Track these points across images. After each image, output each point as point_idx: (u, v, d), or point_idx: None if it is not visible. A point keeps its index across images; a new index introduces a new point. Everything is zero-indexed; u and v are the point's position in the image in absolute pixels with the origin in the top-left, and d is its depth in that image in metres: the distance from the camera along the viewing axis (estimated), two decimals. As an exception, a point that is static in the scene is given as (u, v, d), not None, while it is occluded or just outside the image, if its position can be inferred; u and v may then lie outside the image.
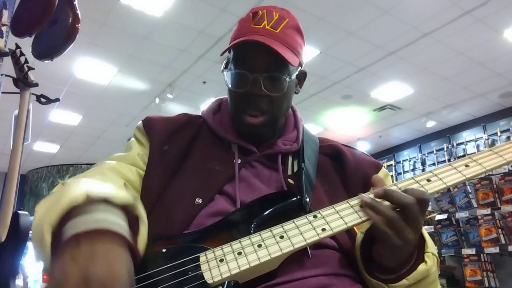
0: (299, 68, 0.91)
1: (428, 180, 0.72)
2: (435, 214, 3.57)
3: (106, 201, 0.59)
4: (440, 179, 0.72)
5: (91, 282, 0.48)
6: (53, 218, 0.55)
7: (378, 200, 0.67)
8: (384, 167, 0.95)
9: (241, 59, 0.86)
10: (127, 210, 0.61)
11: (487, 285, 3.12)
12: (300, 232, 0.67)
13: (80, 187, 0.60)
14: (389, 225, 0.64)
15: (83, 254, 0.51)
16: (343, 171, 0.90)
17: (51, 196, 0.64)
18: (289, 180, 0.86)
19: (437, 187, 0.71)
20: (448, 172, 0.73)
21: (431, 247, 0.72)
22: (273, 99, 0.86)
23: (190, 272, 0.63)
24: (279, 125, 0.92)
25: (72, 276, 0.48)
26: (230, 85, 0.88)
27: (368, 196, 0.69)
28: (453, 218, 3.49)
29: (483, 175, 2.65)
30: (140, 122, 0.94)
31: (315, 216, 0.69)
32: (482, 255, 3.22)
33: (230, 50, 0.88)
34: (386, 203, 0.66)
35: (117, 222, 0.57)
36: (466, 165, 0.73)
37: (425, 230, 0.73)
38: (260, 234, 0.68)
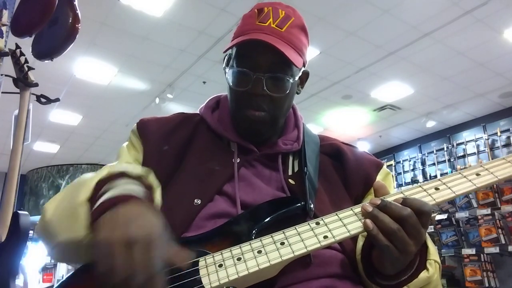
0: (302, 68, 0.89)
1: (436, 189, 0.69)
2: (435, 214, 3.57)
3: (124, 174, 0.68)
4: (449, 187, 0.69)
5: (133, 243, 0.54)
6: (86, 192, 0.63)
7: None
8: (385, 166, 0.94)
9: (244, 57, 0.84)
10: (142, 180, 0.69)
11: (487, 285, 3.12)
12: (302, 239, 0.65)
13: (100, 170, 0.69)
14: (388, 237, 0.61)
15: (120, 221, 0.57)
16: (343, 171, 0.89)
17: (67, 188, 0.71)
18: (290, 180, 0.84)
19: (445, 196, 0.68)
20: (458, 180, 0.70)
21: (433, 254, 0.71)
22: (274, 99, 0.84)
23: (188, 277, 0.62)
24: (279, 125, 0.91)
25: (117, 241, 0.54)
26: (231, 83, 0.86)
27: (370, 205, 0.66)
28: (453, 218, 3.49)
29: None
30: (135, 125, 0.93)
31: (317, 223, 0.67)
32: (482, 255, 3.22)
33: (233, 46, 0.86)
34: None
35: (138, 190, 0.65)
36: (477, 174, 0.70)
37: (428, 234, 0.70)
38: (261, 240, 0.66)
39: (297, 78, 0.87)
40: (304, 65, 0.90)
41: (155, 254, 0.55)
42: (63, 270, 8.23)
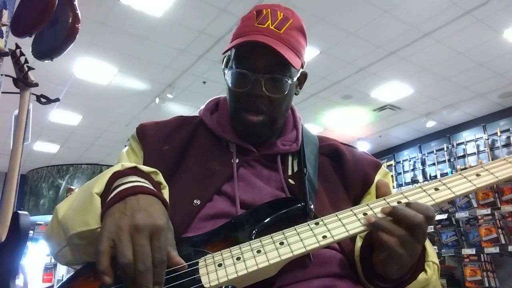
0: (301, 69, 0.90)
1: (436, 189, 0.69)
2: (435, 214, 3.57)
3: (136, 168, 0.72)
4: (449, 188, 0.69)
5: (139, 229, 0.57)
6: (100, 185, 0.67)
7: (386, 217, 0.64)
8: (384, 166, 0.94)
9: (243, 58, 0.85)
10: (150, 177, 0.72)
11: (487, 285, 3.12)
12: (301, 239, 0.66)
13: (114, 166, 0.72)
14: (403, 245, 0.62)
15: (129, 208, 0.60)
16: (342, 172, 0.90)
17: (79, 190, 0.74)
18: (289, 180, 0.85)
19: (445, 196, 0.68)
20: (458, 181, 0.70)
21: (431, 255, 0.71)
22: (273, 100, 0.85)
23: (188, 276, 0.63)
24: (278, 126, 0.91)
25: (124, 225, 0.58)
26: (230, 84, 0.87)
27: (375, 215, 0.65)
28: (453, 218, 3.49)
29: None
30: (134, 130, 0.94)
31: (317, 223, 0.68)
32: (482, 255, 3.22)
33: (232, 48, 0.86)
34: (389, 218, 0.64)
35: (148, 184, 0.69)
36: (477, 175, 0.70)
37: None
38: (260, 240, 0.67)
39: (295, 79, 0.88)
40: (302, 66, 0.90)
41: (159, 243, 0.58)
42: (63, 270, 8.23)
